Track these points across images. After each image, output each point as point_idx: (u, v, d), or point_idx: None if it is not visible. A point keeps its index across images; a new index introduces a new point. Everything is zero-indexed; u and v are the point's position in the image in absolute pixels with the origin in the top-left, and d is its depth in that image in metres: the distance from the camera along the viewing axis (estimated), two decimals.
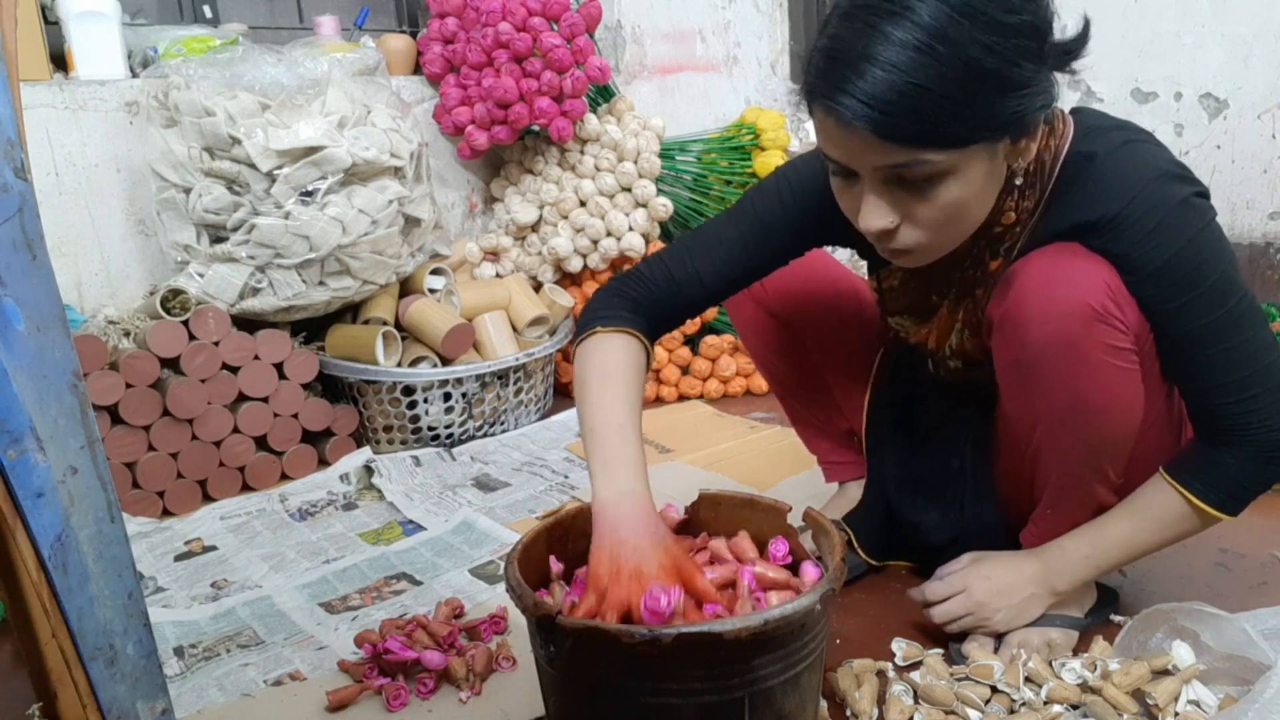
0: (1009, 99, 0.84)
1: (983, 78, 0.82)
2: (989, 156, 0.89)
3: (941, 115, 0.82)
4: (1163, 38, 2.56)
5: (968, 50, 0.80)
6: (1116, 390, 0.99)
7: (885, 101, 0.81)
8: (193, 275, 1.95)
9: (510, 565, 0.92)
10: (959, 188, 0.88)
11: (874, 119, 0.82)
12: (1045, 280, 0.96)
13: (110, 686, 0.65)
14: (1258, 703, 0.87)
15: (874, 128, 0.82)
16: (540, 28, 2.38)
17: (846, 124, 0.84)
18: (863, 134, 0.83)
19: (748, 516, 1.07)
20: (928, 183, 0.87)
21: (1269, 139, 2.46)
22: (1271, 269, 2.49)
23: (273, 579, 1.52)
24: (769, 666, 0.83)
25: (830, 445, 1.45)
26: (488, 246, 2.55)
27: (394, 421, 2.10)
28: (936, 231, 0.92)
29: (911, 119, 0.82)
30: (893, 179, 0.88)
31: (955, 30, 0.80)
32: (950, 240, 0.96)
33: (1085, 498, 1.09)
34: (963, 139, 0.85)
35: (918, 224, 0.91)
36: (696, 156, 2.64)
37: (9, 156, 0.56)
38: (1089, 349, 0.96)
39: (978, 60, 0.81)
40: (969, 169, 0.87)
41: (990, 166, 0.90)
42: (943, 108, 0.81)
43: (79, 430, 0.61)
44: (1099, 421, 1.01)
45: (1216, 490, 1.03)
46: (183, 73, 1.93)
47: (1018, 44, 0.83)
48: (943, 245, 0.96)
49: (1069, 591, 1.12)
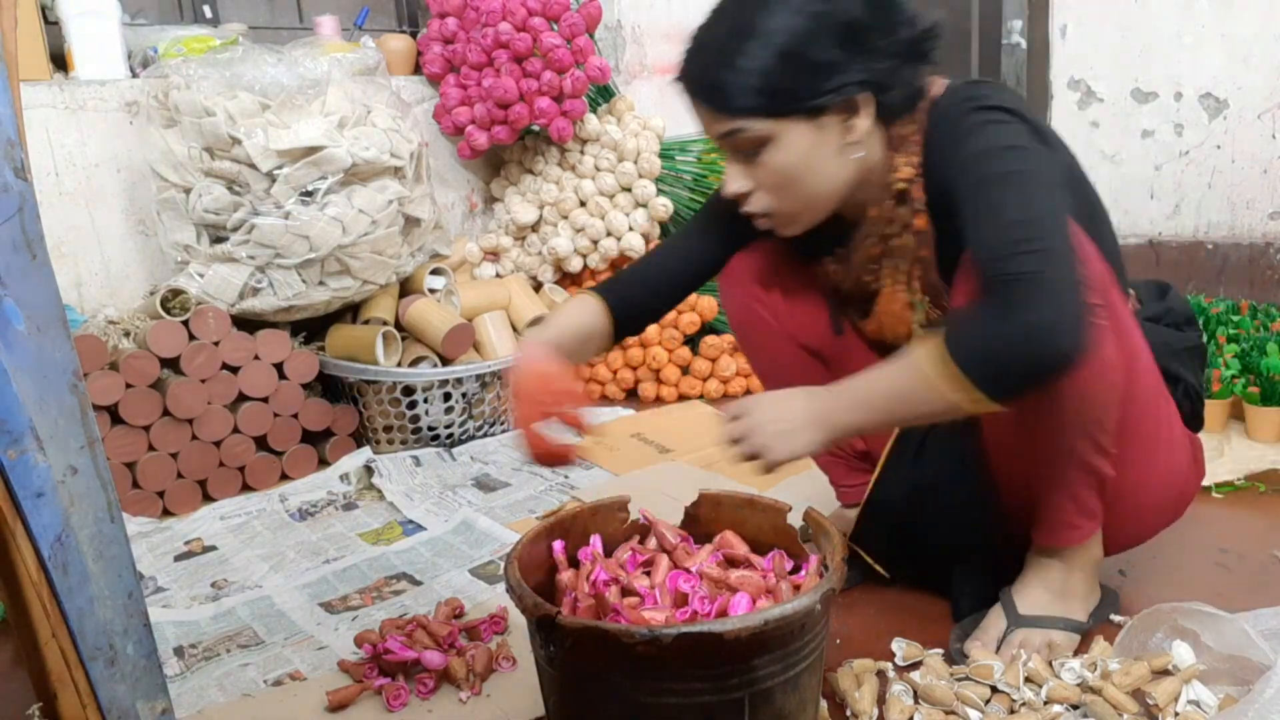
0: (814, 80, 0.98)
1: (799, 56, 0.97)
2: (813, 129, 1.01)
3: (752, 90, 0.98)
4: (1163, 38, 2.56)
5: (774, 37, 0.96)
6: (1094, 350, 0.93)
7: (710, 77, 1.00)
8: (193, 275, 1.95)
9: (510, 565, 0.92)
10: (784, 154, 1.02)
11: (702, 92, 1.02)
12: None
13: (110, 686, 0.65)
14: (1258, 703, 0.87)
15: (704, 100, 1.02)
16: (540, 28, 2.38)
17: (691, 98, 1.04)
18: (702, 109, 1.03)
19: (748, 516, 1.07)
20: (757, 150, 1.03)
21: (1269, 139, 2.46)
22: (1271, 269, 2.49)
23: (273, 579, 1.52)
24: (769, 666, 0.83)
25: (845, 469, 1.43)
26: (488, 246, 2.55)
27: (394, 421, 2.10)
28: (778, 195, 1.06)
29: (719, 93, 1.00)
30: (732, 148, 1.04)
31: (767, 19, 0.96)
32: (800, 203, 1.08)
33: (1085, 473, 1.07)
34: (773, 111, 0.99)
35: (762, 187, 1.06)
36: (696, 156, 2.64)
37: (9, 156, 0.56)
38: None
39: (784, 45, 0.96)
40: (789, 138, 1.01)
41: (817, 138, 1.02)
42: (753, 84, 0.98)
43: (79, 430, 0.61)
44: (1083, 386, 0.98)
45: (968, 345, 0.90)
46: (183, 73, 1.93)
47: (826, 34, 0.97)
48: (795, 210, 1.09)
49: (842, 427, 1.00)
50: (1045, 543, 1.14)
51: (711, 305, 2.47)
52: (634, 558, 1.01)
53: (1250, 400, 1.80)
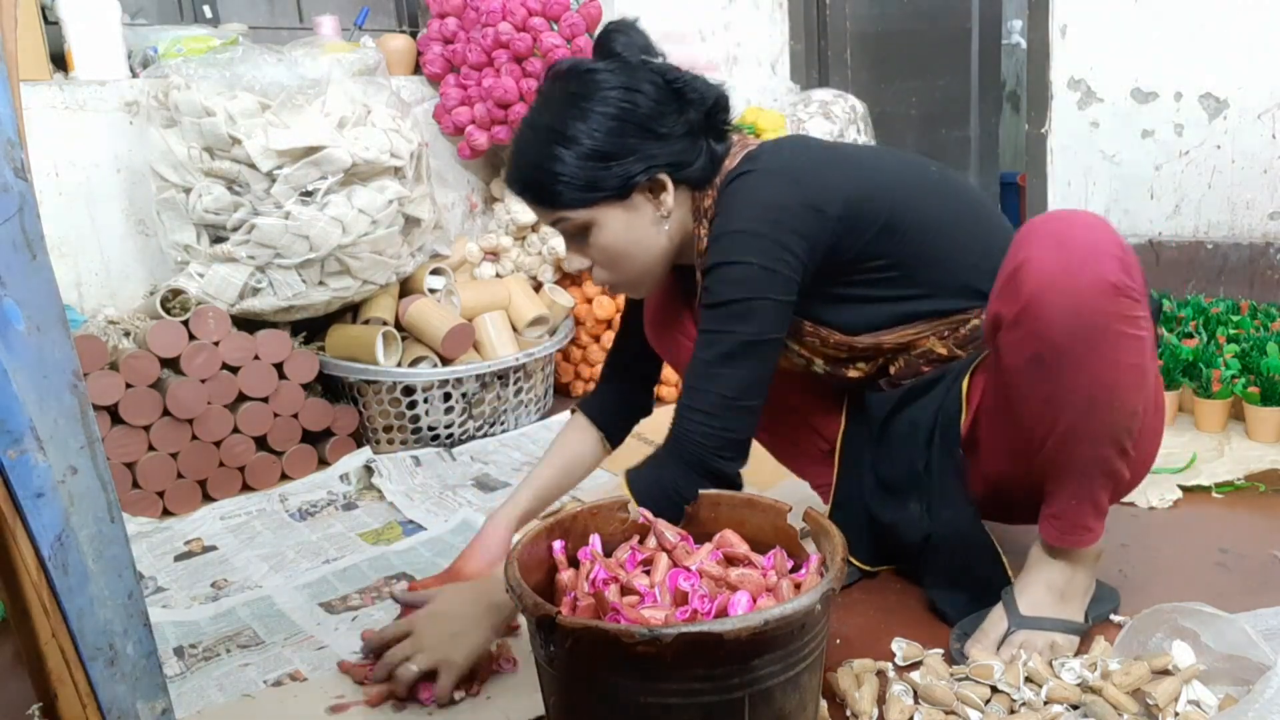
0: (618, 169, 1.10)
1: (598, 154, 1.09)
2: (625, 210, 1.13)
3: (566, 186, 1.10)
4: (1163, 38, 2.56)
5: (579, 140, 1.09)
6: (1136, 359, 1.01)
7: (527, 180, 1.14)
8: (193, 275, 1.95)
9: (510, 565, 0.92)
10: (606, 235, 1.14)
11: (525, 193, 1.15)
12: (1059, 266, 0.98)
13: (110, 686, 0.65)
14: (1258, 703, 0.87)
15: (528, 198, 1.15)
16: (540, 28, 2.38)
17: (520, 199, 1.17)
18: (530, 204, 1.16)
19: (747, 516, 1.07)
20: (582, 234, 1.15)
21: (1269, 139, 2.46)
22: (1271, 269, 2.49)
23: (273, 579, 1.52)
24: (769, 666, 0.83)
25: (818, 468, 1.45)
26: (488, 246, 2.55)
27: (394, 421, 2.10)
28: (611, 268, 1.18)
29: (540, 191, 1.13)
30: (565, 233, 1.17)
31: (565, 124, 1.09)
32: (632, 274, 1.19)
33: (1106, 477, 1.08)
34: (581, 201, 1.11)
35: (596, 263, 1.18)
36: None
37: (9, 156, 0.56)
38: (1110, 326, 0.98)
39: (588, 147, 1.09)
40: (607, 220, 1.13)
41: (630, 216, 1.14)
42: (567, 181, 1.10)
43: (79, 430, 0.61)
44: (1121, 397, 1.02)
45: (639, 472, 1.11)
46: (183, 73, 1.93)
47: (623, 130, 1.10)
48: (630, 279, 1.20)
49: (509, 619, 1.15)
50: (1056, 543, 1.13)
51: None
52: (634, 556, 1.01)
53: (1250, 400, 1.80)
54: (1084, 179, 2.77)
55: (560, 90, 1.13)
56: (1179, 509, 1.54)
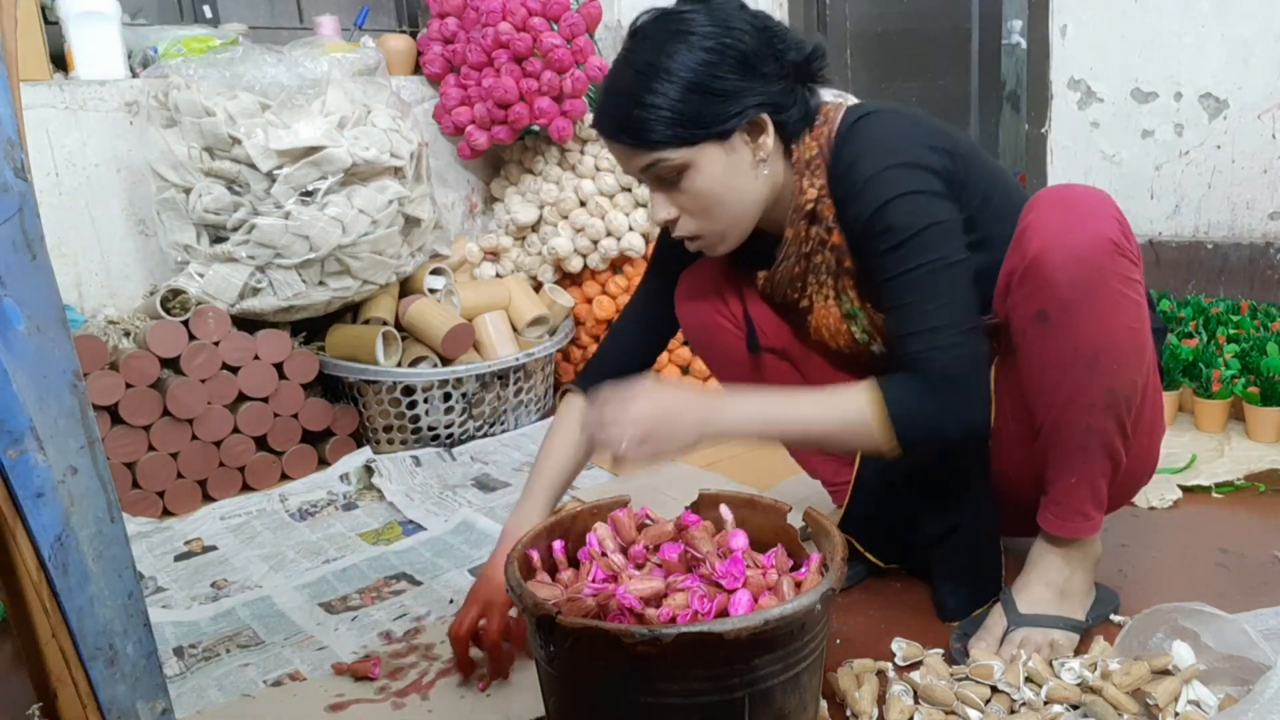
0: (719, 106, 1.06)
1: (700, 87, 1.05)
2: (724, 152, 1.08)
3: (665, 122, 1.06)
4: (1163, 38, 2.56)
5: (679, 73, 1.05)
6: (1134, 322, 1.04)
7: (625, 117, 1.08)
8: (193, 275, 1.95)
9: (510, 565, 0.92)
10: (704, 178, 1.09)
11: (616, 133, 1.09)
12: (1062, 224, 1.02)
13: (110, 686, 0.65)
14: (1258, 703, 0.87)
15: (623, 139, 1.09)
16: (540, 28, 2.38)
17: (609, 141, 1.11)
18: (618, 147, 1.10)
19: (748, 516, 1.07)
20: (677, 178, 1.09)
21: (1269, 139, 2.46)
22: (1271, 269, 2.49)
23: (273, 579, 1.52)
24: (769, 666, 0.83)
25: (835, 466, 1.45)
26: (488, 246, 2.55)
27: (394, 421, 2.10)
28: (703, 216, 1.13)
29: (638, 129, 1.07)
30: (655, 179, 1.11)
31: (663, 59, 1.05)
32: (725, 223, 1.14)
33: (1103, 457, 1.09)
34: (681, 138, 1.06)
35: (686, 212, 1.13)
36: None
37: (9, 156, 0.56)
38: (1111, 283, 1.01)
39: (688, 79, 1.05)
40: (705, 162, 1.08)
41: (729, 159, 1.09)
42: (669, 117, 1.05)
43: (79, 430, 0.61)
44: (1121, 359, 1.04)
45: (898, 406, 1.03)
46: (183, 73, 1.93)
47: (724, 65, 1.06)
48: (720, 229, 1.14)
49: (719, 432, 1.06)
50: (1055, 531, 1.14)
51: None
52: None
53: (1250, 400, 1.80)
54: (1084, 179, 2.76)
55: (656, 30, 1.09)
56: (1179, 509, 1.54)
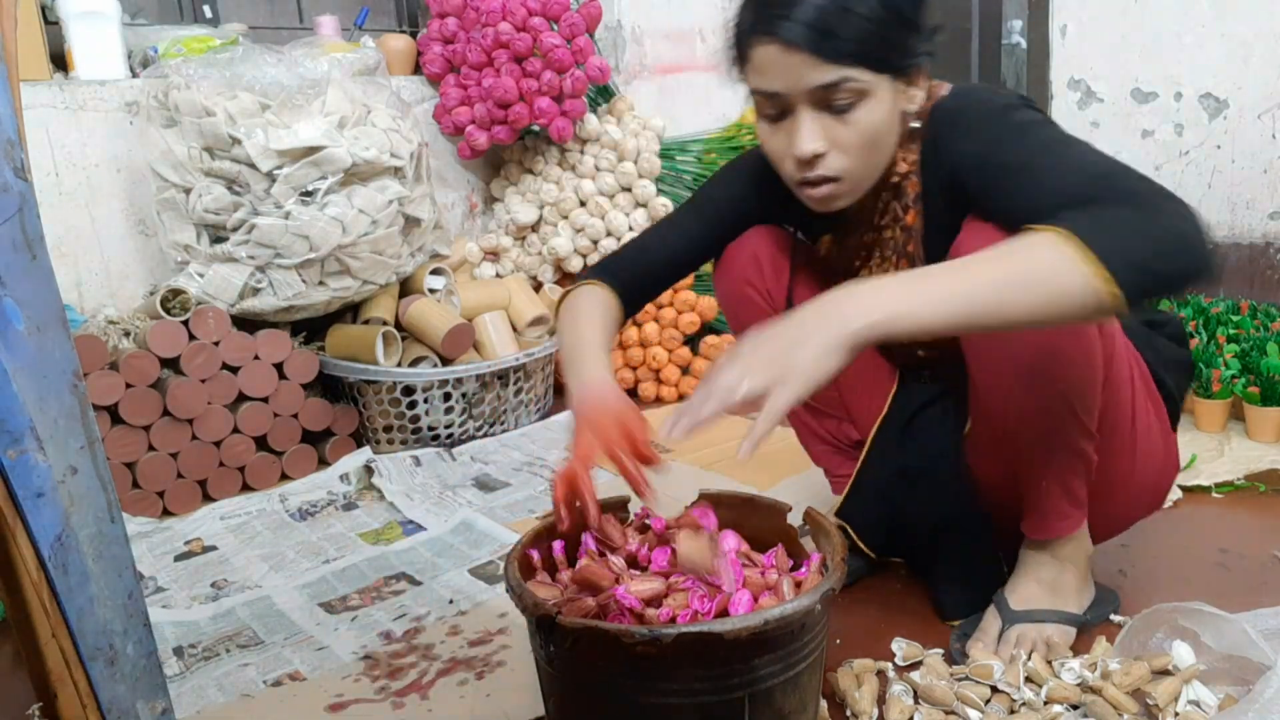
0: (913, 37, 1.00)
1: (897, 12, 0.97)
2: (893, 91, 1.02)
3: (867, 38, 0.96)
4: (1163, 38, 2.56)
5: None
6: (1076, 328, 1.00)
7: (822, 21, 0.95)
8: (193, 275, 1.95)
9: (510, 565, 0.92)
10: (874, 113, 1.01)
11: (811, 38, 0.96)
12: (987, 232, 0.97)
13: (110, 686, 0.65)
14: (1258, 703, 0.87)
15: (812, 46, 0.96)
16: (540, 28, 2.38)
17: (787, 46, 0.97)
18: (801, 55, 0.96)
19: (748, 516, 1.07)
20: (850, 107, 1.00)
21: (1269, 139, 2.46)
22: (1272, 269, 2.49)
23: (273, 579, 1.52)
24: (769, 666, 0.83)
25: (841, 459, 1.44)
26: (488, 246, 2.55)
27: (394, 421, 2.10)
28: (857, 157, 1.03)
29: (843, 38, 0.96)
30: (822, 103, 1.00)
31: None
32: (867, 170, 1.06)
33: (1070, 457, 1.08)
34: (882, 63, 0.99)
35: (841, 148, 1.02)
36: (696, 156, 2.64)
37: (9, 156, 0.56)
38: None
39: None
40: (880, 95, 1.00)
41: (894, 101, 1.02)
42: (867, 31, 0.96)
43: (79, 430, 0.61)
44: (1064, 363, 1.01)
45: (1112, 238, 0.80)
46: (183, 73, 1.93)
47: None
48: (861, 175, 1.06)
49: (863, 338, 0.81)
50: (1037, 535, 1.15)
51: (711, 305, 2.47)
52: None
53: (1250, 400, 1.80)
54: None
55: None
56: (1179, 509, 1.54)
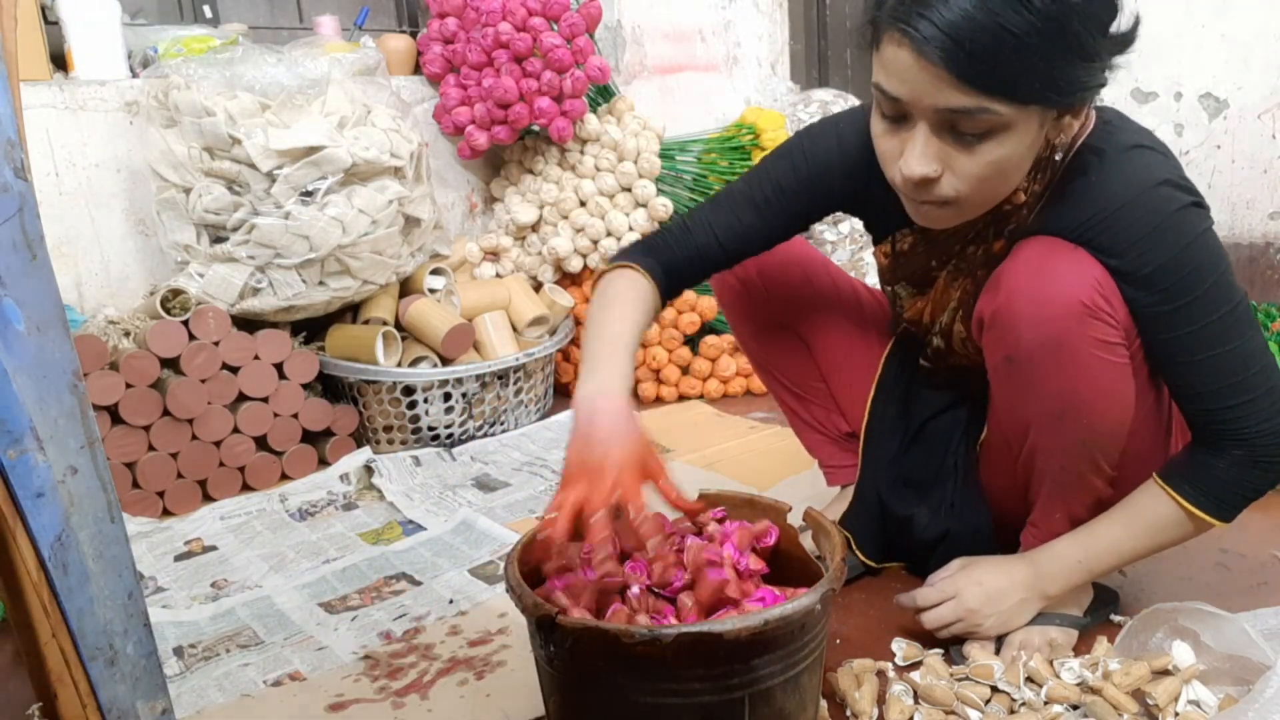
0: (1078, 67, 0.84)
1: (1065, 38, 0.81)
2: (1039, 124, 0.88)
3: (1019, 65, 0.80)
4: (1163, 38, 2.56)
5: (1059, 6, 0.79)
6: (1108, 385, 1.00)
7: (968, 37, 0.79)
8: (193, 275, 1.95)
9: (510, 565, 0.92)
10: (1008, 146, 0.87)
11: (952, 53, 0.80)
12: (1035, 277, 0.97)
13: (110, 686, 0.65)
14: (1258, 703, 0.87)
15: (950, 63, 0.81)
16: (540, 28, 2.38)
17: (921, 54, 0.82)
18: (936, 70, 0.82)
19: (747, 516, 1.07)
20: (981, 136, 0.86)
21: (1269, 139, 2.46)
22: (1271, 269, 2.49)
23: (273, 579, 1.52)
24: (769, 666, 0.83)
25: (833, 449, 1.45)
26: (488, 246, 2.55)
27: (394, 421, 2.10)
28: (975, 187, 0.91)
29: (990, 62, 0.80)
30: (948, 126, 0.87)
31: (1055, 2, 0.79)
32: (984, 200, 0.95)
33: (1082, 492, 1.09)
34: (1031, 96, 0.84)
35: (959, 176, 0.90)
36: (696, 157, 2.64)
37: (9, 156, 0.56)
38: (1081, 345, 0.96)
39: (1067, 19, 0.80)
40: (1021, 129, 0.87)
41: (1037, 134, 0.89)
42: (1022, 58, 0.79)
43: (79, 430, 0.61)
44: (1092, 417, 1.01)
45: (1209, 495, 1.03)
46: (183, 73, 1.93)
47: (1099, 14, 0.83)
48: (976, 204, 0.95)
49: (1060, 595, 1.13)
50: (1031, 547, 1.15)
51: (711, 305, 2.47)
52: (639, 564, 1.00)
53: None
54: None
55: None
56: None
